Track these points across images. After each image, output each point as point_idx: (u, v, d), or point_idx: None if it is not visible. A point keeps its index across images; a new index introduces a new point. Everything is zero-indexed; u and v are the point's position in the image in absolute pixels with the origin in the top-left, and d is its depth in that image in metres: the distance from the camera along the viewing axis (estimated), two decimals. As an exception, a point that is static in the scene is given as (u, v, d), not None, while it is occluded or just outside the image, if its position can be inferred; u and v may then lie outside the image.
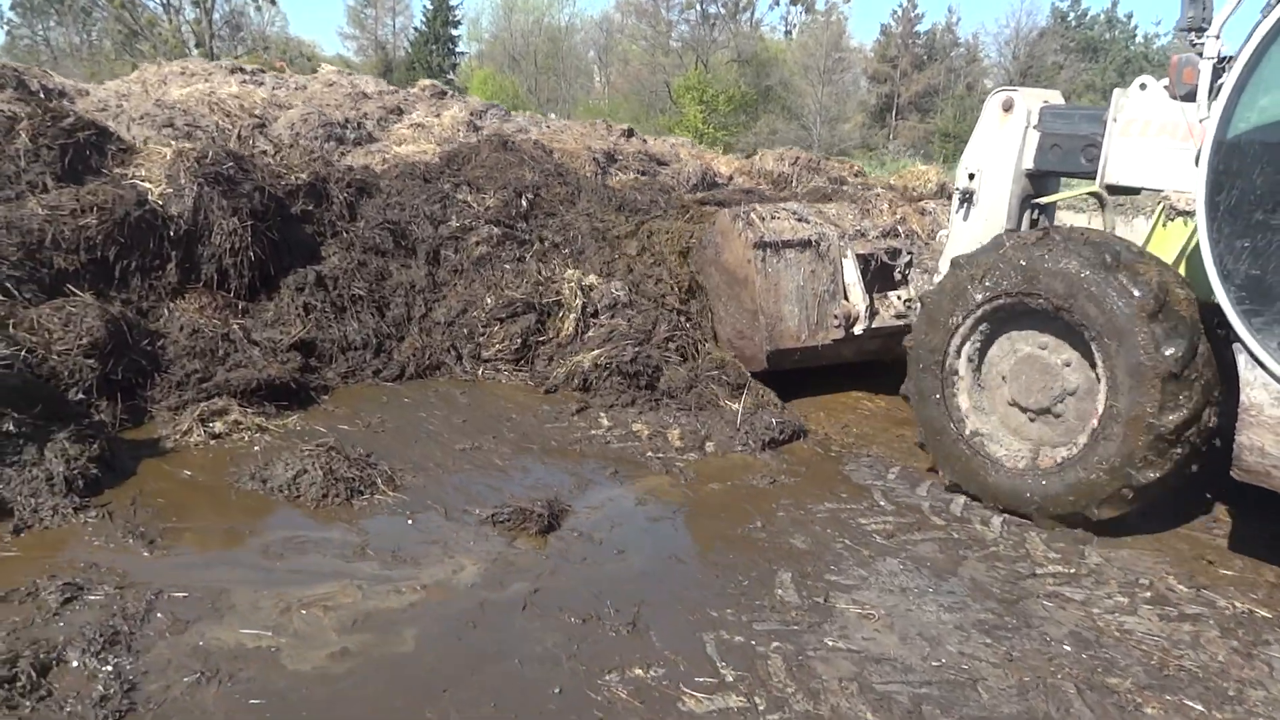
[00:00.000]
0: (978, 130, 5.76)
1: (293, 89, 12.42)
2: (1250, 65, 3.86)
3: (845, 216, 7.18)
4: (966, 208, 5.79)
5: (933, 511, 4.88)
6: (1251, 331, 3.91)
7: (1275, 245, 3.80)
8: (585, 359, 6.44)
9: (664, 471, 5.30)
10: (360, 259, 7.23)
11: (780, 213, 6.90)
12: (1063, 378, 4.76)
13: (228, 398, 5.56)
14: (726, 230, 6.81)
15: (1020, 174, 5.56)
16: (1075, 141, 5.26)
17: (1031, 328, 4.87)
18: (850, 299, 6.72)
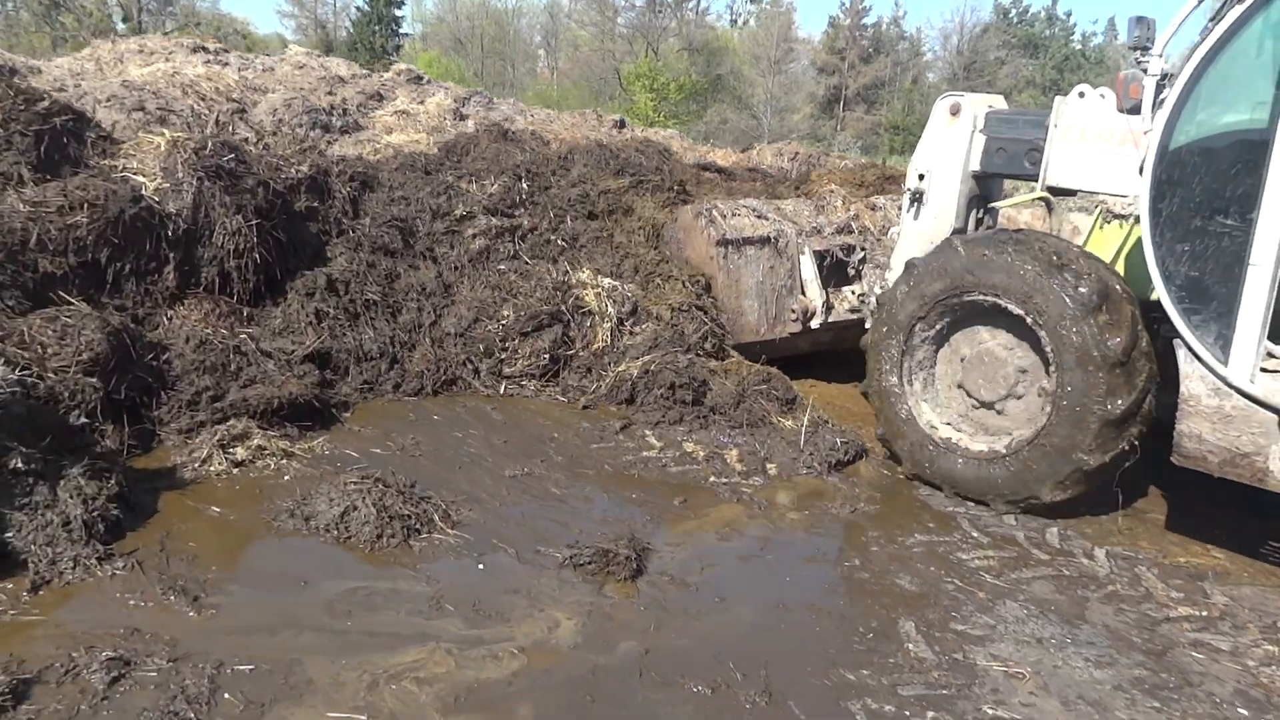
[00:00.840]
0: (926, 133, 5.95)
1: (260, 70, 11.62)
2: (1190, 83, 4.14)
3: (802, 213, 7.34)
4: (917, 207, 5.98)
5: (1031, 543, 4.61)
6: (1190, 328, 4.22)
7: (1212, 249, 4.10)
8: (632, 368, 6.01)
9: (734, 499, 4.93)
10: (369, 259, 6.65)
11: (741, 209, 7.05)
12: (1014, 371, 4.99)
13: (246, 419, 4.99)
14: (689, 227, 6.95)
15: (967, 175, 5.78)
16: (1019, 145, 5.46)
17: (983, 324, 5.10)
18: (807, 294, 6.95)
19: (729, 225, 6.85)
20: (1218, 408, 4.18)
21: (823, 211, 7.60)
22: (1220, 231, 4.07)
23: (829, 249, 7.06)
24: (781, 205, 7.49)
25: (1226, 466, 4.21)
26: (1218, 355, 4.16)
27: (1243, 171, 3.98)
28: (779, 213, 7.26)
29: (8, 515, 3.67)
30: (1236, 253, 4.00)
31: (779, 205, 7.47)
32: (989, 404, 5.11)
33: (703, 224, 6.84)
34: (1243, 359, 4.06)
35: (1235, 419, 4.14)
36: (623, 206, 7.57)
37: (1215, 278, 4.12)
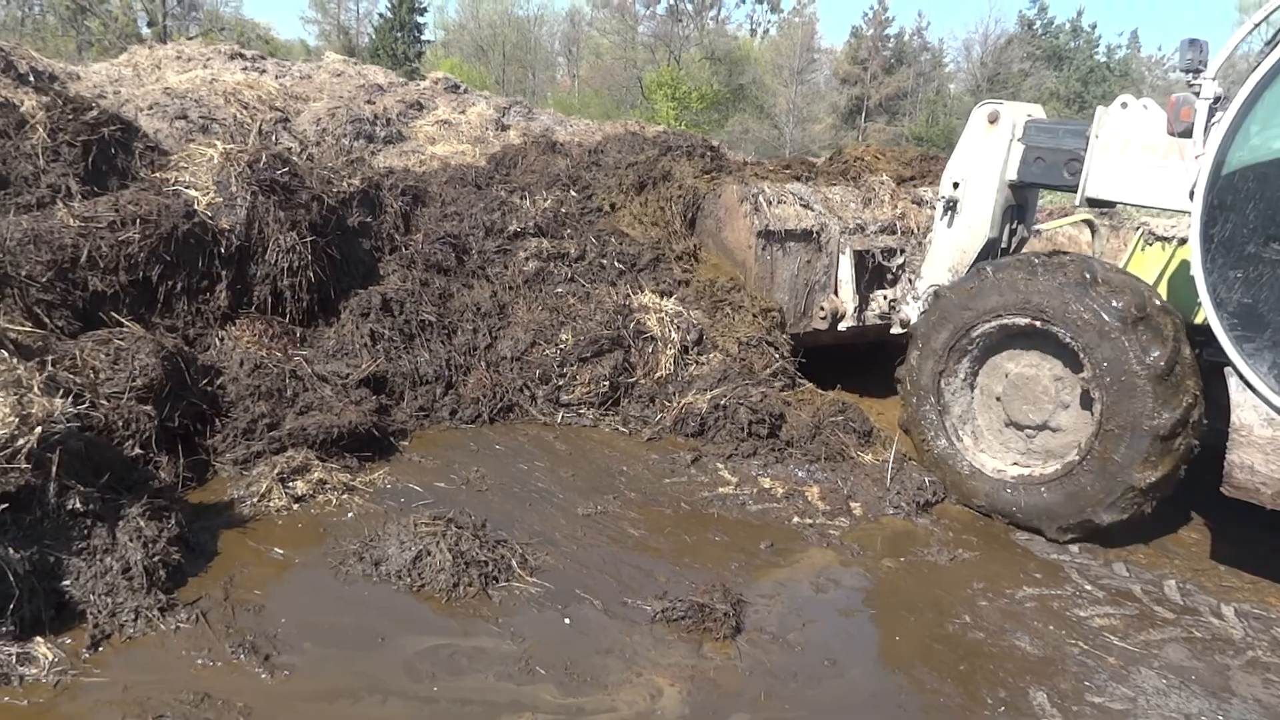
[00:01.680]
0: (963, 141, 5.86)
1: (298, 78, 11.42)
2: (1245, 107, 4.07)
3: (848, 205, 7.05)
4: (951, 215, 5.90)
5: (1151, 599, 4.28)
6: (1243, 356, 4.12)
7: (1265, 276, 4.02)
8: (701, 401, 5.71)
9: (823, 544, 4.62)
10: (423, 277, 6.39)
11: (787, 195, 6.74)
12: (1055, 393, 4.90)
13: (304, 449, 4.72)
14: (731, 208, 6.67)
15: (1004, 184, 5.68)
16: (1058, 155, 5.39)
17: (1021, 347, 5.03)
18: (840, 295, 6.78)
19: (773, 214, 6.56)
20: (1271, 438, 4.08)
21: (869, 205, 7.21)
22: (1275, 259, 4.00)
23: (870, 249, 6.81)
24: (829, 194, 7.12)
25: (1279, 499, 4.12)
26: (1272, 385, 4.06)
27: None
28: (825, 203, 6.94)
29: (65, 561, 3.40)
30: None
31: (826, 194, 7.10)
32: (1032, 428, 5.04)
33: (747, 209, 6.54)
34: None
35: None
36: (659, 173, 7.31)
37: (1270, 305, 4.03)
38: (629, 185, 7.40)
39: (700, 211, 7.00)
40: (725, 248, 6.76)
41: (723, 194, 6.79)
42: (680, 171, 7.30)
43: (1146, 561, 4.66)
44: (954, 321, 5.12)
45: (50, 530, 3.43)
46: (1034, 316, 4.76)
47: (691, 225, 7.05)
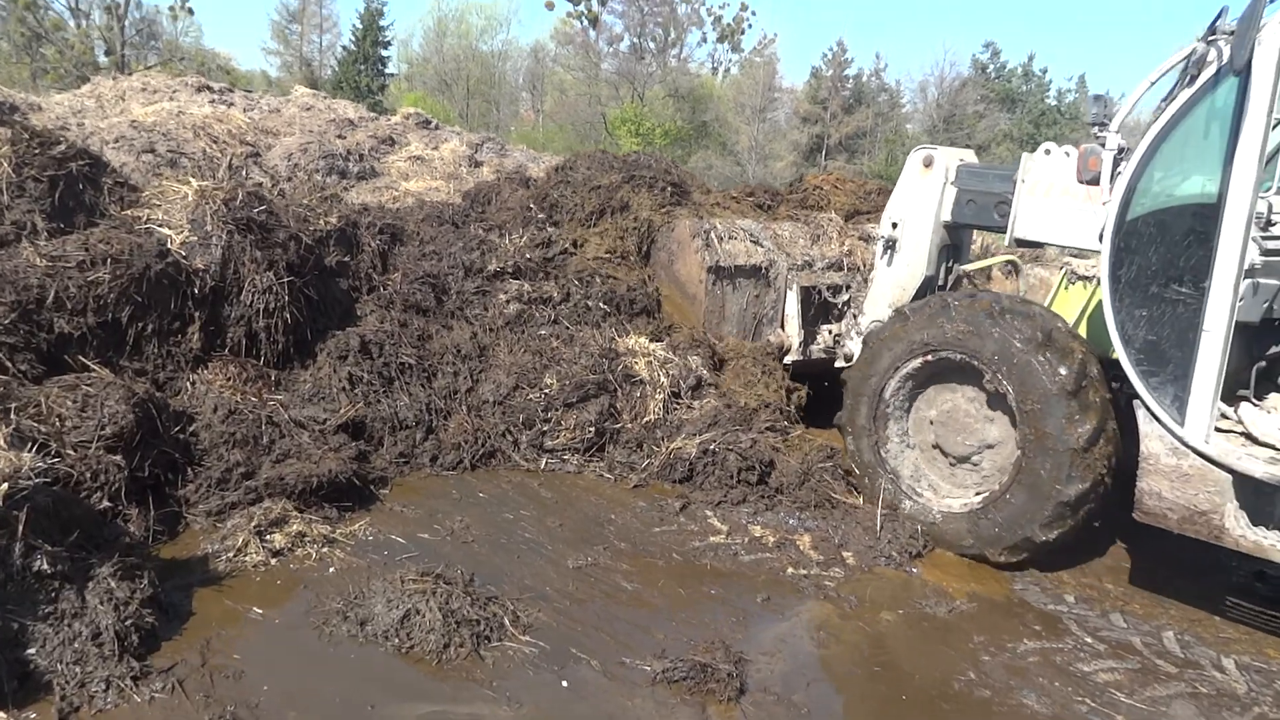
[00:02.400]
0: (900, 183, 6.10)
1: (267, 111, 11.25)
2: (1145, 158, 4.34)
3: (797, 241, 7.25)
4: (890, 254, 6.15)
5: (1151, 651, 4.23)
6: (1149, 389, 4.35)
7: (1167, 314, 4.28)
8: (689, 445, 5.61)
9: (819, 596, 4.52)
10: (401, 318, 6.24)
11: (738, 231, 6.95)
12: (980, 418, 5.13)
13: (282, 499, 4.52)
14: (684, 242, 6.85)
15: (939, 225, 5.94)
16: (988, 198, 5.65)
17: (939, 385, 5.27)
18: (787, 330, 6.98)
19: (723, 251, 6.74)
20: (1175, 466, 4.31)
21: (818, 241, 7.41)
22: (1175, 298, 4.23)
23: (816, 285, 7.01)
24: (779, 231, 7.31)
25: (1185, 524, 4.32)
26: (1175, 416, 4.28)
27: (1195, 242, 4.15)
28: (775, 239, 7.13)
29: (31, 628, 3.18)
30: (1190, 319, 4.17)
31: (776, 230, 7.29)
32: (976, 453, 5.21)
33: (699, 245, 6.70)
34: (1198, 420, 4.19)
35: (1192, 477, 4.26)
36: (618, 202, 7.42)
37: (1171, 342, 4.28)
38: (591, 211, 7.51)
39: (654, 244, 7.15)
40: (677, 280, 6.93)
41: (676, 228, 6.95)
42: (638, 203, 7.40)
43: (1143, 612, 4.63)
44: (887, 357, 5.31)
45: (14, 594, 3.22)
46: (955, 350, 5.00)
47: (646, 257, 7.20)
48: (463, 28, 58.62)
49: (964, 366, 5.01)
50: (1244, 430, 4.42)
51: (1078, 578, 5.01)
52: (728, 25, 57.02)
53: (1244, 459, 4.12)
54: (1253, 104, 3.89)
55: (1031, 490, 4.69)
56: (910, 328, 5.20)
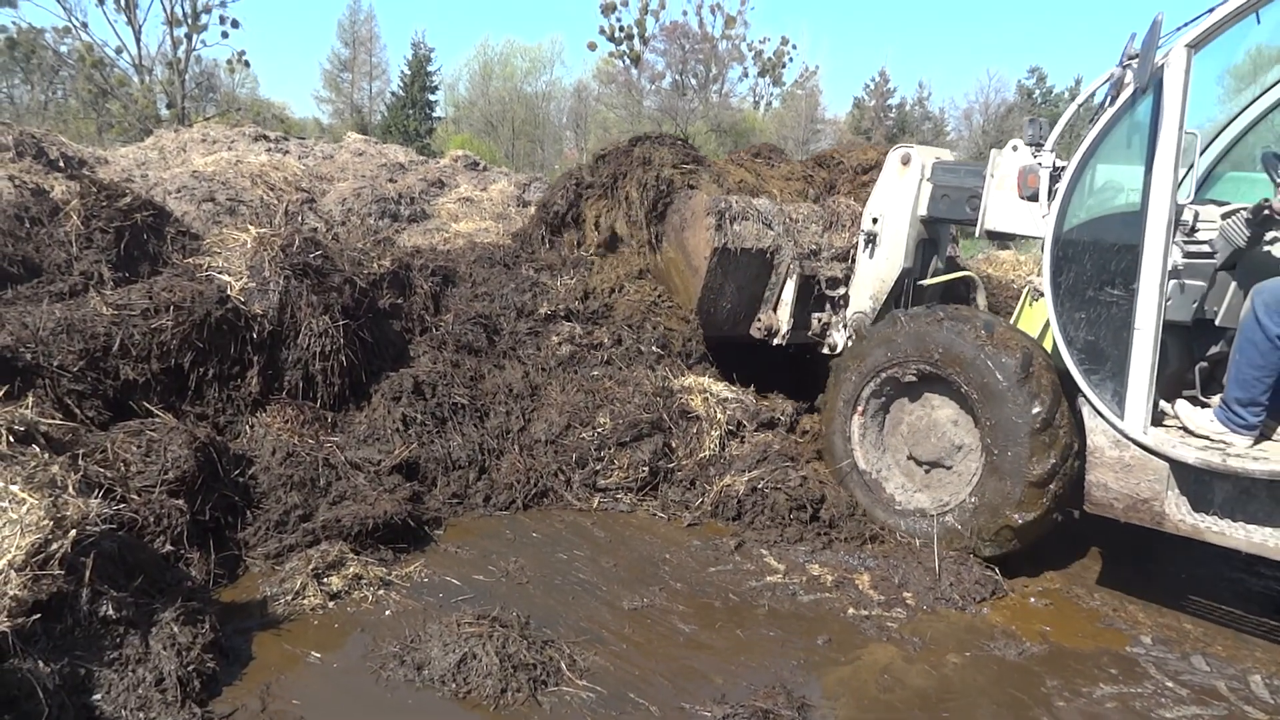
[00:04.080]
0: (880, 181, 6.38)
1: (321, 158, 11.55)
2: (1075, 174, 4.73)
3: (809, 228, 7.14)
4: (871, 248, 6.43)
5: (1238, 696, 4.03)
6: (1091, 386, 4.69)
7: (1103, 316, 4.64)
8: (738, 483, 5.53)
9: (882, 638, 4.39)
10: (454, 359, 6.30)
11: (751, 212, 6.85)
12: (952, 433, 5.34)
13: (339, 541, 4.55)
14: (697, 214, 6.77)
15: (916, 219, 6.19)
16: (961, 193, 5.89)
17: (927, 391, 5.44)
18: (778, 314, 7.03)
19: (733, 232, 6.66)
20: (1118, 458, 4.61)
21: (830, 228, 7.21)
22: (1109, 300, 4.60)
23: (816, 276, 6.99)
24: (793, 214, 7.14)
25: (1130, 512, 4.60)
26: (1115, 410, 4.60)
27: (1123, 248, 4.54)
28: (787, 223, 7.02)
29: (97, 673, 3.22)
30: (1123, 318, 4.54)
31: (790, 213, 7.12)
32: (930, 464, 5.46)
33: (711, 223, 6.61)
34: (1135, 412, 4.53)
35: (1134, 468, 4.56)
36: (638, 158, 7.27)
37: (1108, 341, 4.63)
38: (609, 175, 7.41)
39: (670, 205, 7.02)
40: (684, 249, 6.91)
41: (693, 198, 6.87)
42: (659, 158, 7.19)
43: (1226, 654, 4.41)
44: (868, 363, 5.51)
45: (81, 640, 3.26)
46: (935, 364, 5.21)
47: (661, 217, 7.05)
48: (507, 70, 59.89)
49: (925, 375, 5.30)
50: (1180, 425, 4.71)
51: (1154, 617, 4.81)
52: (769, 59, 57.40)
53: (1178, 447, 4.42)
54: (1165, 119, 4.32)
55: (984, 509, 4.99)
56: (869, 346, 5.53)
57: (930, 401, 5.45)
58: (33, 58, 45.23)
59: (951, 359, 5.11)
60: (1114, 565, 5.47)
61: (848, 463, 5.63)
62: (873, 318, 6.54)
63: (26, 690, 2.93)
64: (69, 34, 37.33)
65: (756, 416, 6.26)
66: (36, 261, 5.50)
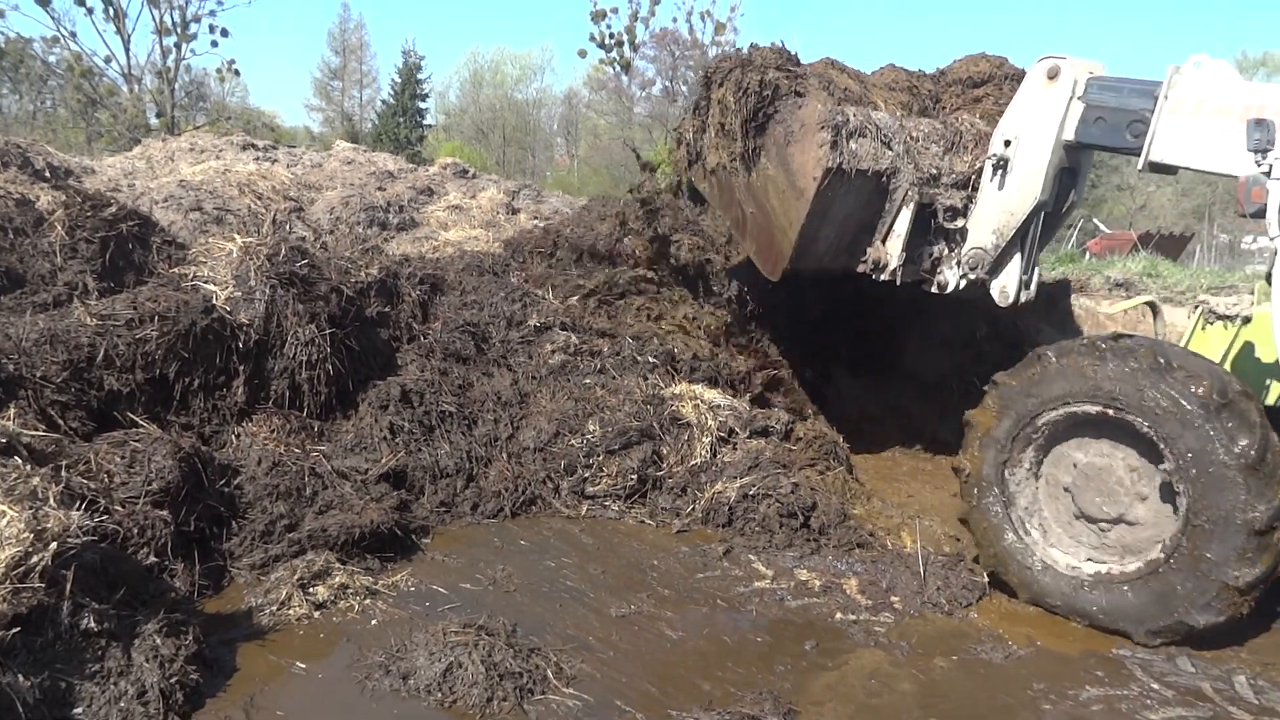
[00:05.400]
0: (1018, 97, 5.61)
1: (310, 166, 11.54)
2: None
3: (929, 148, 6.23)
4: (1000, 175, 5.66)
5: (1223, 697, 4.04)
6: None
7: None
8: (729, 489, 5.53)
9: (870, 642, 4.39)
10: (441, 367, 6.29)
11: (870, 127, 5.95)
12: (1131, 484, 4.58)
13: (325, 551, 4.54)
14: (808, 127, 5.82)
15: (1059, 145, 5.42)
16: (1121, 115, 5.14)
17: (1090, 436, 4.69)
18: (887, 245, 6.19)
19: (849, 150, 5.75)
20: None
21: (951, 151, 6.26)
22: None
23: (934, 205, 6.07)
24: (914, 129, 6.21)
25: None
26: None
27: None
28: (907, 141, 6.09)
29: (77, 687, 3.20)
30: None
31: (911, 129, 6.19)
32: (1107, 522, 4.70)
33: (825, 138, 5.67)
34: None
35: None
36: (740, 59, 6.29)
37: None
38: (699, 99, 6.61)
39: (773, 115, 6.00)
40: (787, 165, 5.94)
41: (805, 106, 5.86)
42: (762, 58, 6.18)
43: (1212, 655, 4.42)
44: (1017, 409, 4.80)
45: (62, 653, 3.24)
46: (1105, 404, 4.46)
47: (761, 129, 6.06)
48: (498, 77, 60.01)
49: (1089, 418, 4.56)
50: None
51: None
52: (759, 66, 57.56)
53: None
54: None
55: (1192, 570, 4.21)
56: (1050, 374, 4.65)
57: (1096, 448, 4.70)
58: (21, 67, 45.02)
59: (1124, 395, 4.38)
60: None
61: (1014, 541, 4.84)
62: (993, 256, 5.84)
63: (5, 704, 2.91)
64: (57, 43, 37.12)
65: (750, 424, 6.24)
66: (20, 272, 5.47)
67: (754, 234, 6.33)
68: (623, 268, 7.39)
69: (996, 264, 5.98)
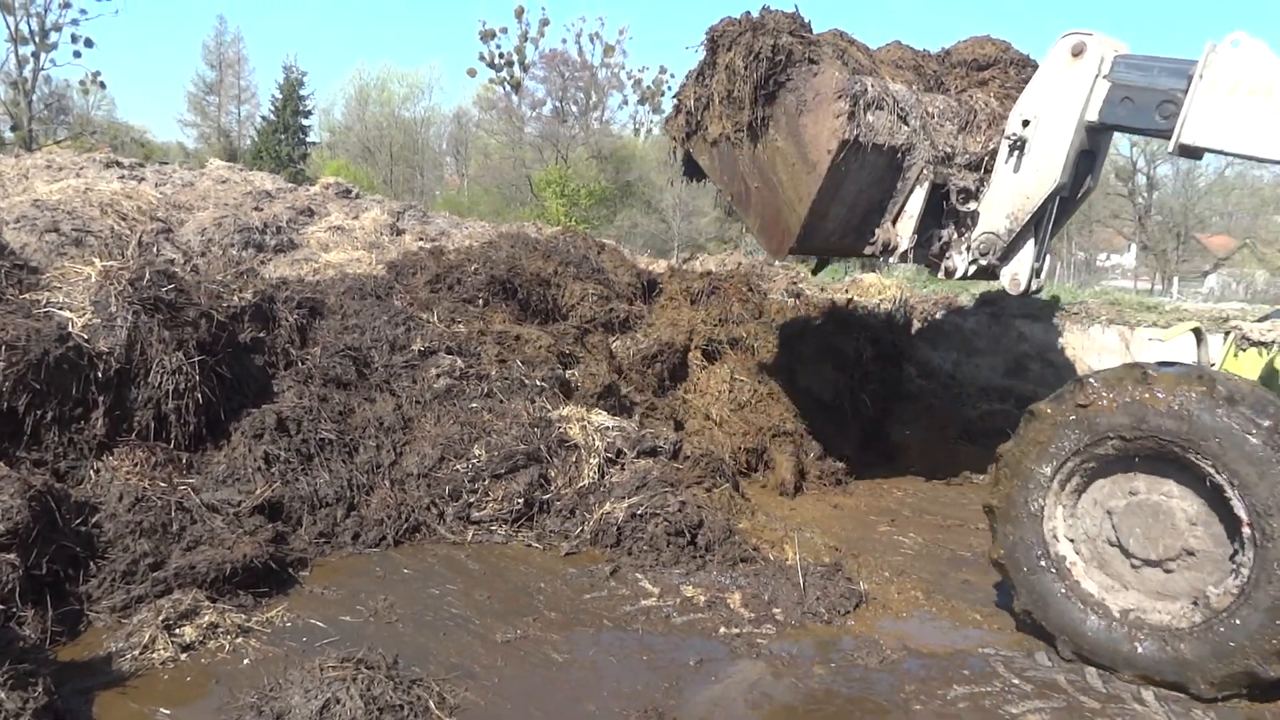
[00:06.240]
0: (1040, 74, 5.40)
1: (180, 185, 11.07)
2: None
3: (944, 126, 5.94)
4: (1017, 156, 5.42)
5: (1076, 688, 4.29)
6: None
7: None
8: (617, 509, 5.57)
9: (752, 654, 4.49)
10: (321, 393, 6.13)
11: (887, 99, 5.65)
12: (1185, 522, 4.20)
13: (193, 589, 4.34)
14: (824, 96, 5.48)
15: (1082, 125, 5.21)
16: (1150, 95, 4.95)
17: (1142, 471, 4.33)
18: (898, 227, 5.90)
19: (865, 123, 5.45)
20: None
21: (965, 130, 6.01)
22: None
23: (948, 186, 5.80)
24: (930, 105, 5.94)
25: None
26: None
27: None
28: (923, 117, 5.81)
29: (-90, 749, 2.96)
30: None
31: (927, 105, 5.92)
32: (1157, 563, 4.28)
33: (842, 108, 5.36)
34: None
35: None
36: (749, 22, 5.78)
37: None
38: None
39: (785, 84, 5.62)
40: (798, 137, 5.58)
41: (820, 74, 5.52)
42: (774, 22, 5.76)
43: (1066, 650, 4.71)
44: (1059, 443, 4.41)
45: (-108, 713, 2.99)
46: (1162, 439, 4.09)
47: (771, 98, 5.66)
48: (385, 95, 58.92)
49: (1169, 456, 4.15)
50: None
51: (1005, 619, 5.08)
52: (648, 88, 58.50)
53: None
54: None
55: (1266, 616, 3.85)
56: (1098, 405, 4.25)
57: (1148, 483, 4.31)
58: None
59: (1182, 430, 4.01)
60: (973, 572, 5.76)
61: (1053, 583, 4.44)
62: (1006, 242, 5.59)
63: None
64: (-103, 50, 34.54)
65: (638, 444, 6.31)
66: None
67: (758, 210, 5.93)
68: None
69: (1009, 250, 5.76)
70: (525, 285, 7.87)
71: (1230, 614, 3.97)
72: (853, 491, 7.50)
